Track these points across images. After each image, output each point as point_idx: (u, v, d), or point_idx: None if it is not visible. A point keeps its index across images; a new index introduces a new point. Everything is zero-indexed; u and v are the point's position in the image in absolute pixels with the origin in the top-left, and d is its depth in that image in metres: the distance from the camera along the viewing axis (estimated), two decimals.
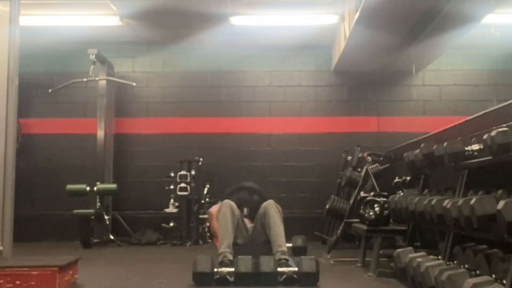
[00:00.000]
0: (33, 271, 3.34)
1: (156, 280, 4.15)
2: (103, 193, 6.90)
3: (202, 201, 7.05)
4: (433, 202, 3.36)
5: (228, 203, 4.25)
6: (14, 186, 4.42)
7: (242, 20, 6.78)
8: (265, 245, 4.18)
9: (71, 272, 3.76)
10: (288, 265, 3.87)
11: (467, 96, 7.66)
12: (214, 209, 4.59)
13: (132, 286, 4.03)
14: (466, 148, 3.32)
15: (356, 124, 7.67)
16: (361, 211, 4.62)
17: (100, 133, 7.24)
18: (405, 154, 4.41)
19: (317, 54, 7.79)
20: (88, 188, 6.72)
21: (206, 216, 6.94)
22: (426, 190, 4.19)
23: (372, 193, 4.86)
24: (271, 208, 4.23)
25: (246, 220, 4.49)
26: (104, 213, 6.89)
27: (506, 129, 2.81)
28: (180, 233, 6.89)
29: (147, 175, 7.60)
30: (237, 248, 4.14)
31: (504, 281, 2.55)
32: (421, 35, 5.86)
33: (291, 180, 7.48)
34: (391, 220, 4.52)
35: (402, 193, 4.49)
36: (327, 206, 6.20)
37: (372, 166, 6.05)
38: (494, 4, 5.15)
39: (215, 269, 3.81)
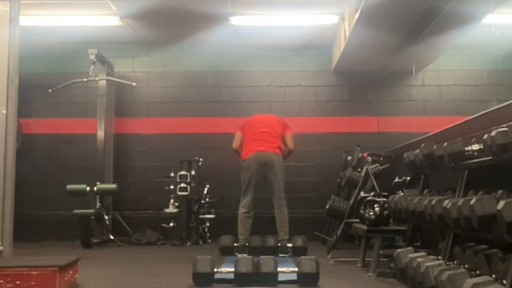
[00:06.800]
0: (33, 271, 3.34)
1: (156, 280, 4.15)
2: (103, 193, 6.90)
3: (202, 201, 7.04)
4: (433, 202, 3.36)
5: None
6: (14, 186, 4.42)
7: (242, 20, 6.78)
8: None
9: (71, 272, 3.76)
10: None
11: (467, 96, 7.66)
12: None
13: (132, 286, 4.03)
14: (466, 148, 3.31)
15: (356, 124, 7.67)
16: (361, 211, 4.62)
17: (100, 133, 7.23)
18: (405, 154, 4.40)
19: (317, 54, 7.78)
20: (88, 188, 6.73)
21: (206, 216, 6.97)
22: (426, 190, 4.20)
23: (372, 193, 4.87)
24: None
25: None
26: (104, 213, 6.90)
27: (506, 129, 2.81)
28: (180, 233, 6.88)
29: (147, 175, 7.60)
30: None
31: (504, 281, 2.55)
32: (421, 35, 5.85)
33: (291, 180, 7.44)
34: (391, 220, 4.52)
35: (402, 193, 4.49)
36: (327, 206, 6.21)
37: (372, 166, 6.05)
38: (494, 4, 5.14)
39: (215, 269, 3.82)
